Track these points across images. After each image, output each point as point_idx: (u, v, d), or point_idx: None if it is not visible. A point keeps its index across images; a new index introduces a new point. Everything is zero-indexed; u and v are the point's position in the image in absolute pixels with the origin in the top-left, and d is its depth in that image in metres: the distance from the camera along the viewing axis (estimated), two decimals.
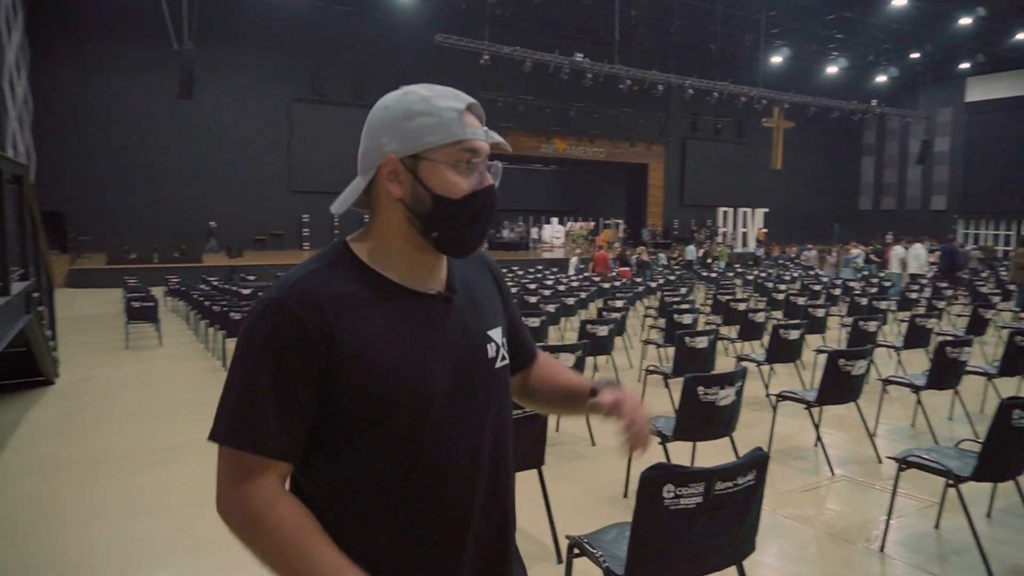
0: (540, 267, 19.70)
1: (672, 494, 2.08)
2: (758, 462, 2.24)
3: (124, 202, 21.33)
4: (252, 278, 15.62)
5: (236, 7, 22.13)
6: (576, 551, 2.43)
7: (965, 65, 30.35)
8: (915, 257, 14.70)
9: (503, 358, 1.18)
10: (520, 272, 16.85)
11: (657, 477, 2.05)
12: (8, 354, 5.40)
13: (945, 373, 5.13)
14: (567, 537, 2.47)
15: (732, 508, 2.20)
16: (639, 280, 15.18)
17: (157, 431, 5.52)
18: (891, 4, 22.67)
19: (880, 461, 4.76)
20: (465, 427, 1.08)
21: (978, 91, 31.84)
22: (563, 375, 1.41)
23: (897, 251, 15.25)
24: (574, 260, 19.85)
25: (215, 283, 13.83)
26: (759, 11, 23.41)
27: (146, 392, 6.84)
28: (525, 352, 1.38)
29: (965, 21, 23.98)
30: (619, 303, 9.14)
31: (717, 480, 2.14)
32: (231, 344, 7.90)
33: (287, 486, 1.05)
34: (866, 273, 17.52)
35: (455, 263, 1.17)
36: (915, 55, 28.85)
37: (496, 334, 1.18)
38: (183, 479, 4.42)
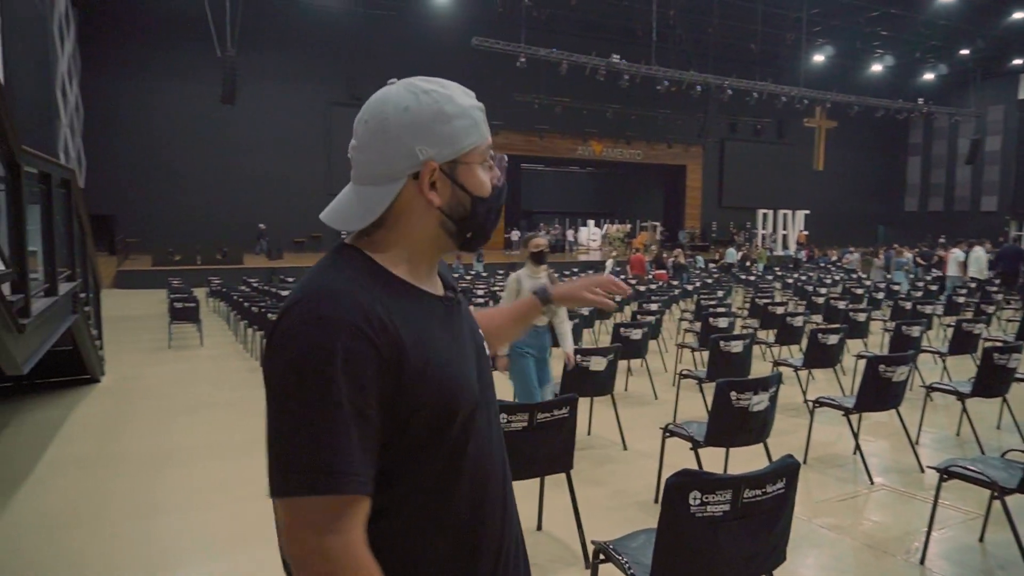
0: (576, 269, 19.62)
1: (698, 501, 2.04)
2: (788, 470, 2.19)
3: (169, 205, 21.94)
4: (291, 280, 15.88)
5: (276, 13, 22.58)
6: (602, 557, 2.41)
7: (1018, 61, 29.31)
8: (975, 260, 14.24)
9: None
10: (555, 275, 16.76)
11: (683, 484, 2.02)
12: (56, 352, 5.58)
13: (992, 380, 4.95)
14: (593, 543, 2.45)
15: (761, 517, 2.15)
16: (675, 283, 15.01)
17: (197, 429, 5.65)
18: (939, 0, 22.04)
19: (922, 471, 4.61)
20: (494, 428, 1.09)
21: None
22: (496, 314, 1.49)
23: (956, 254, 14.78)
24: (610, 263, 19.73)
25: (255, 284, 14.10)
26: (801, 9, 22.99)
27: (187, 391, 7.00)
28: None
29: (1018, 15, 23.17)
30: (654, 306, 9.05)
31: (745, 488, 2.09)
32: None
33: None
34: (912, 276, 17.05)
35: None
36: (964, 51, 27.98)
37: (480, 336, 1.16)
38: (223, 476, 4.51)
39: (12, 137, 3.80)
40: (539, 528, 3.67)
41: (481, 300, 10.61)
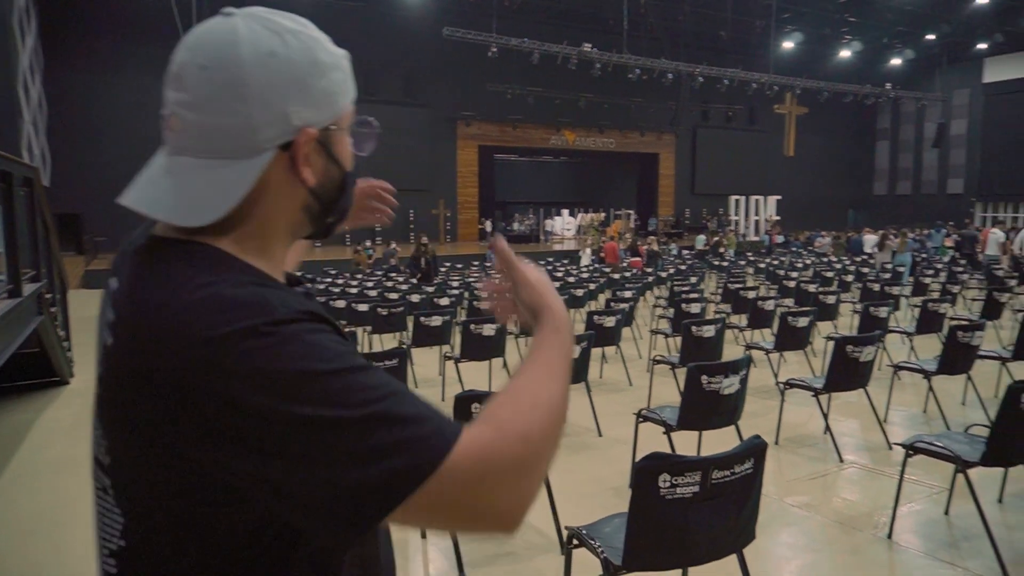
0: (551, 259, 19.67)
1: (668, 483, 2.07)
2: (755, 450, 2.23)
3: None
4: None
5: (244, 5, 22.21)
6: (575, 542, 2.43)
7: (983, 46, 29.82)
8: (1020, 241, 14.45)
9: None
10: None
11: (652, 467, 2.05)
12: (22, 355, 5.47)
13: (957, 358, 5.07)
14: (566, 528, 2.47)
15: (730, 497, 2.19)
16: (649, 270, 15.11)
17: None
18: None
19: (890, 448, 4.72)
20: None
21: (996, 71, 31.26)
22: None
23: (996, 234, 14.96)
24: (587, 251, 19.80)
25: None
26: None
27: None
28: None
29: (982, 0, 23.57)
30: (628, 293, 9.11)
31: (713, 469, 2.13)
32: None
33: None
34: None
35: None
36: (931, 36, 28.38)
37: None
38: None
39: None
40: None
41: None
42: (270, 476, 0.65)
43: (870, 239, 21.59)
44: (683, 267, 16.23)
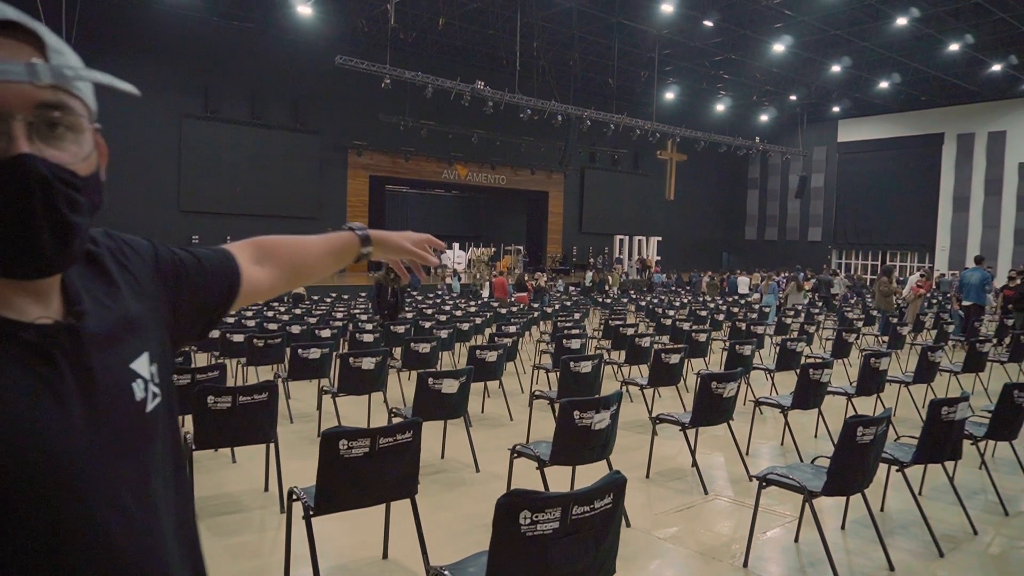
0: (440, 291, 19.62)
1: (528, 520, 2.08)
2: (615, 486, 2.29)
3: None
4: None
5: (122, 16, 21.07)
6: None
7: (836, 108, 32.99)
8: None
9: (155, 396, 0.82)
10: (420, 297, 16.74)
11: (512, 504, 2.06)
12: None
13: (808, 393, 5.46)
14: (430, 569, 2.43)
15: (590, 532, 2.23)
16: (536, 305, 15.38)
17: None
18: (772, 49, 24.37)
19: (751, 480, 4.98)
20: (118, 516, 0.75)
21: (848, 132, 34.62)
22: (310, 244, 1.28)
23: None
24: (487, 285, 19.80)
25: None
26: (652, 49, 24.58)
27: None
28: (230, 273, 1.06)
29: (836, 68, 26.10)
30: (512, 328, 9.21)
31: (574, 504, 2.16)
32: None
33: None
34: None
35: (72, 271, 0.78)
36: (793, 97, 31.08)
37: (142, 365, 0.81)
38: None
39: None
40: (385, 557, 3.59)
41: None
42: None
43: (743, 280, 23.11)
44: (568, 303, 16.65)
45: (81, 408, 0.73)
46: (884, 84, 28.01)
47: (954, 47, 23.06)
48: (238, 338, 7.85)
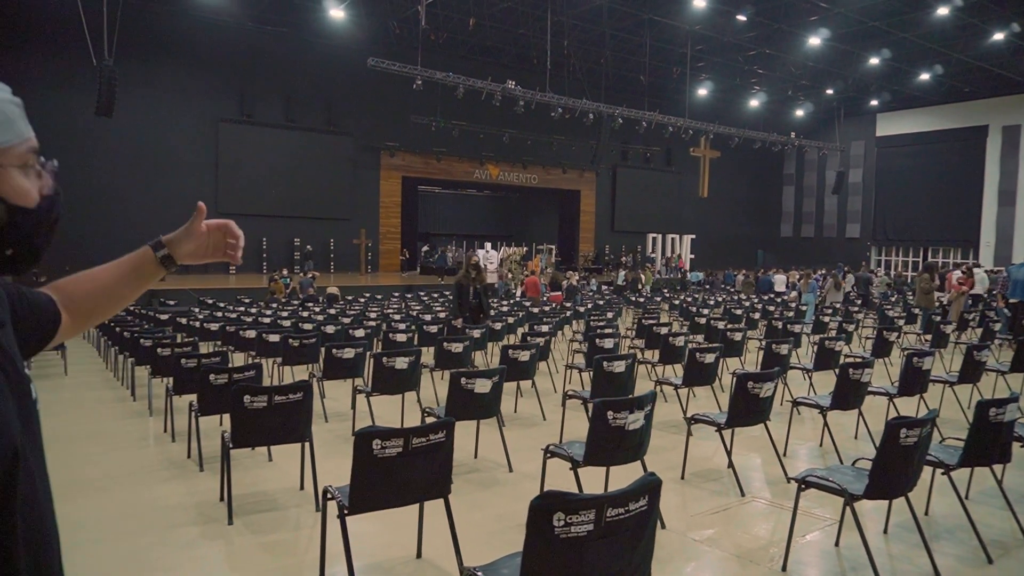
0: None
1: (562, 522, 2.06)
2: (650, 487, 2.26)
3: None
4: (172, 303, 15.03)
5: (161, 23, 21.55)
6: None
7: (875, 102, 32.25)
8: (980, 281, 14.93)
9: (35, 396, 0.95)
10: (451, 297, 16.78)
11: (546, 506, 2.04)
12: None
13: (848, 393, 5.33)
14: (463, 569, 2.42)
15: (624, 534, 2.20)
16: (568, 305, 15.33)
17: (63, 465, 5.19)
18: (807, 43, 23.93)
19: (788, 482, 4.88)
20: (42, 486, 0.92)
21: (887, 126, 33.82)
22: (104, 270, 1.29)
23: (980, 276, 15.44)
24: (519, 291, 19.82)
25: (131, 307, 13.23)
26: (685, 45, 24.32)
27: (45, 423, 6.43)
28: (50, 311, 1.20)
29: (874, 61, 25.51)
30: (544, 328, 9.18)
31: (608, 506, 2.14)
32: (141, 372, 7.54)
33: None
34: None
35: None
36: (830, 91, 30.47)
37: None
38: (79, 517, 4.15)
39: None
40: (419, 556, 3.60)
41: None
42: None
43: (779, 278, 22.72)
44: (601, 302, 16.55)
45: (12, 401, 0.85)
46: (925, 76, 27.32)
47: (999, 36, 22.38)
48: (274, 338, 7.97)
